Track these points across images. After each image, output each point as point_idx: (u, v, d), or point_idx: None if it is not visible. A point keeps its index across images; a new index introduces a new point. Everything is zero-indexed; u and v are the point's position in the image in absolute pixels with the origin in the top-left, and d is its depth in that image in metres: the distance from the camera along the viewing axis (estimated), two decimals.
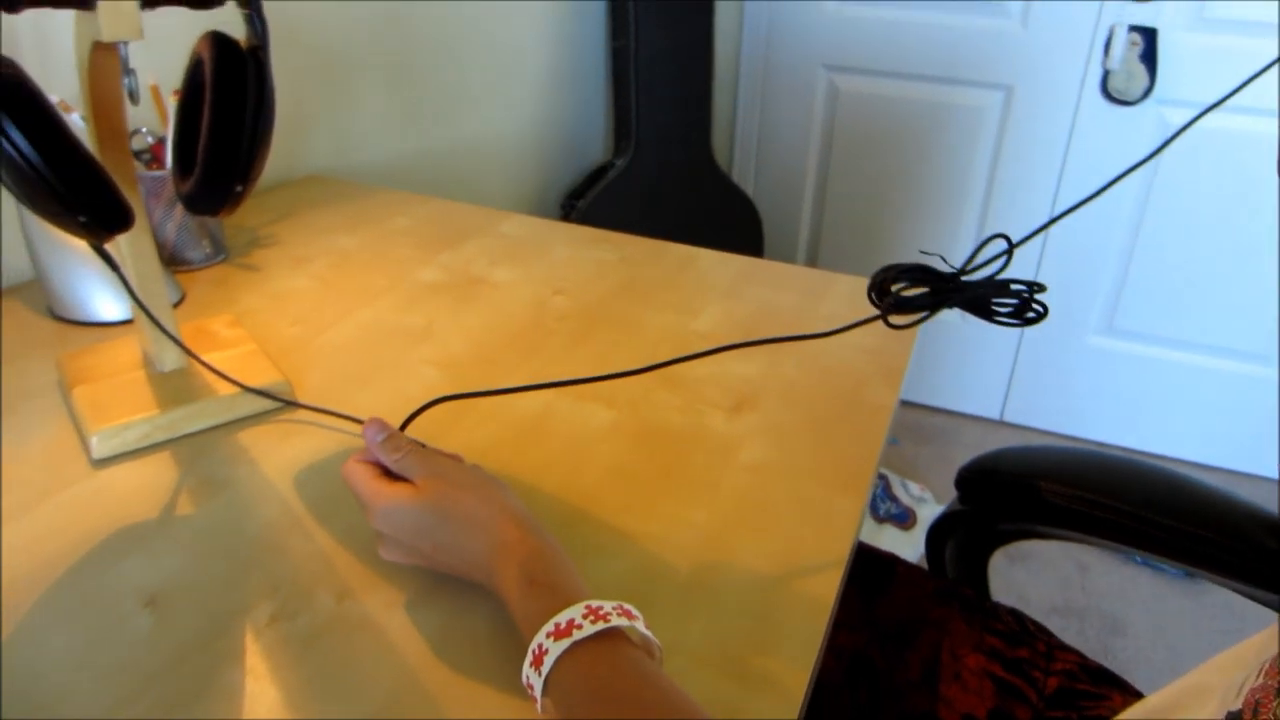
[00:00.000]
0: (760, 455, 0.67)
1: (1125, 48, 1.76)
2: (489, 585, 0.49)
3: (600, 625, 0.42)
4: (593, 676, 0.42)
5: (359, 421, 0.69)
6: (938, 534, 0.98)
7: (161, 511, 0.58)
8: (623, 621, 0.43)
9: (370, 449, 0.54)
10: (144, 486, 0.60)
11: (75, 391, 0.66)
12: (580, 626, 0.42)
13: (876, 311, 0.52)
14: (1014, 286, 0.53)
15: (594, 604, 0.43)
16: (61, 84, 0.88)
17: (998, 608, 0.87)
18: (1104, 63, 1.80)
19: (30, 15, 0.87)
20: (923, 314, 0.52)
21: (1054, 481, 0.88)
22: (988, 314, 0.52)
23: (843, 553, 0.58)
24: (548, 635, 0.42)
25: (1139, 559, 1.82)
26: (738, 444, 0.68)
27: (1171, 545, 0.81)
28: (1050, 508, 0.88)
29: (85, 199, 0.52)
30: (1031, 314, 0.53)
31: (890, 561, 0.93)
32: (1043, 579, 1.78)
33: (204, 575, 0.53)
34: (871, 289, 0.52)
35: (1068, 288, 2.04)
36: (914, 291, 0.52)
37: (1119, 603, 1.74)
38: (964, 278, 0.52)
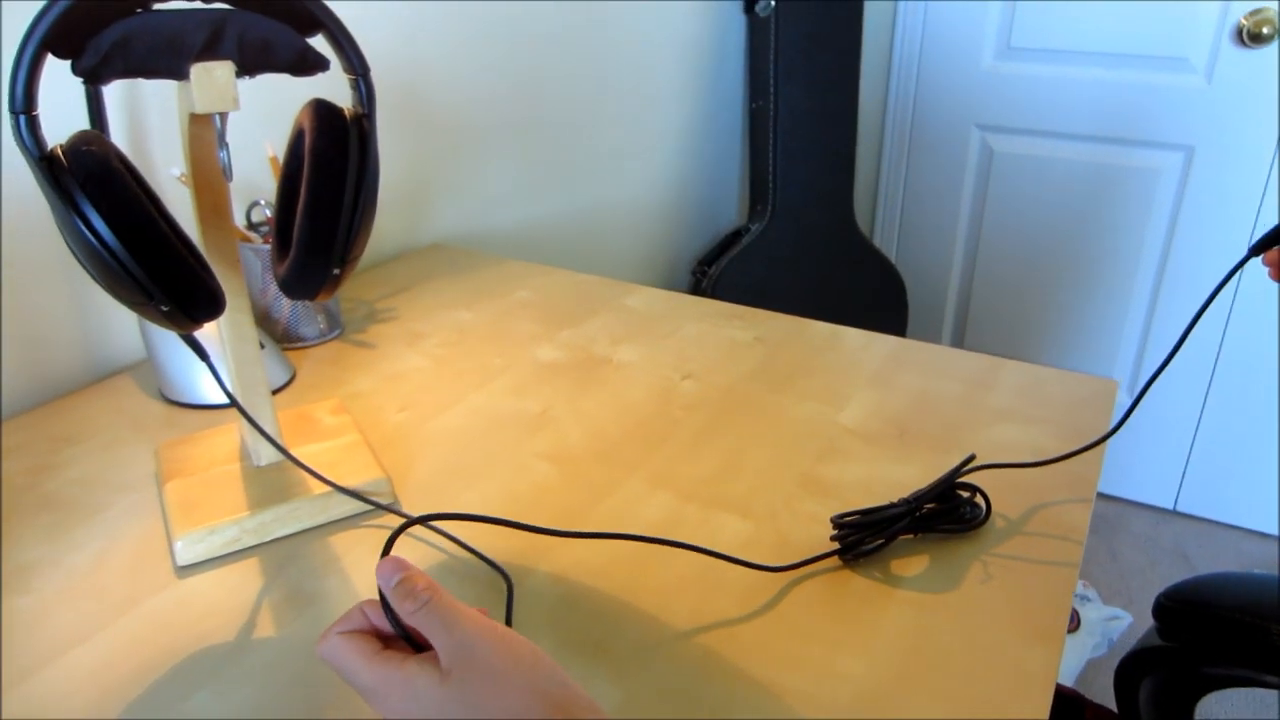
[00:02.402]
0: (926, 584, 0.56)
1: None
2: None
3: None
4: None
5: (460, 544, 0.61)
6: (1130, 671, 0.83)
7: (239, 632, 0.51)
8: None
9: (386, 593, 0.40)
10: (225, 600, 0.54)
11: (168, 486, 0.61)
12: None
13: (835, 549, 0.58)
14: (959, 492, 0.62)
15: None
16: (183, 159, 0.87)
17: None
18: None
19: (155, 87, 0.87)
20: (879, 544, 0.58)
21: None
22: (931, 529, 0.60)
23: (1041, 713, 0.47)
24: None
25: None
26: (900, 572, 0.57)
27: None
28: None
29: (168, 285, 0.46)
30: (970, 517, 0.61)
31: (1076, 703, 0.79)
32: (1232, 701, 1.55)
33: (277, 709, 0.46)
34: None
35: (1255, 368, 1.82)
36: (870, 544, 0.58)
37: None
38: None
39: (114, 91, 0.81)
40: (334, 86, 0.58)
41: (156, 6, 0.47)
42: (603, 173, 1.55)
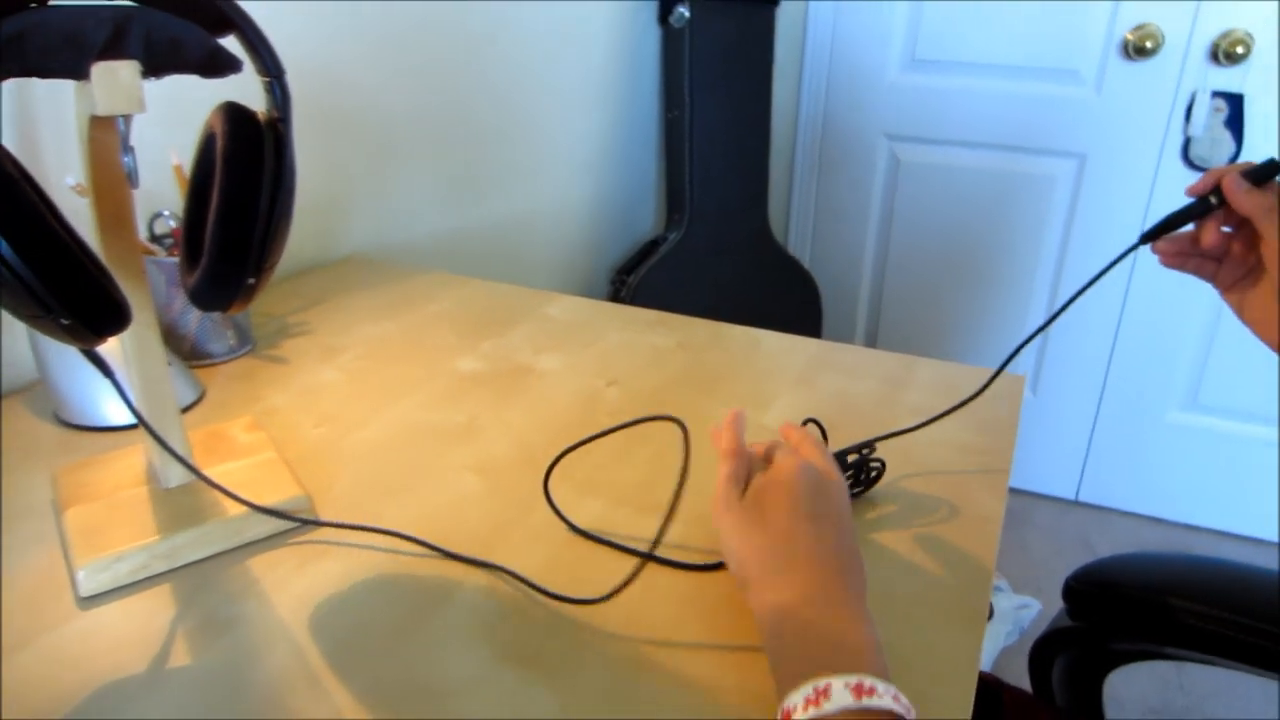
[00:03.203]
0: None
1: (1209, 114, 1.66)
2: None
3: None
4: None
5: (388, 534, 0.60)
6: (1043, 651, 0.86)
7: (150, 664, 0.49)
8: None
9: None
10: (135, 630, 0.51)
11: (68, 513, 0.57)
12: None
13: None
14: (849, 459, 0.63)
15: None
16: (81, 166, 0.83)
17: None
18: (1185, 129, 1.70)
19: (48, 90, 0.83)
20: None
21: (1188, 599, 0.76)
22: None
23: (967, 699, 0.48)
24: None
25: None
26: None
27: None
28: (1183, 629, 0.76)
29: (67, 297, 0.44)
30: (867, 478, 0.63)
31: (995, 688, 0.81)
32: (1136, 678, 1.62)
33: None
34: None
35: (1149, 362, 1.91)
36: None
37: (1221, 704, 1.57)
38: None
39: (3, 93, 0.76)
40: (242, 91, 0.55)
41: (54, 1, 0.45)
42: (521, 183, 1.54)
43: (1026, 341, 0.70)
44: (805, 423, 0.69)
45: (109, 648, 0.50)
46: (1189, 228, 0.63)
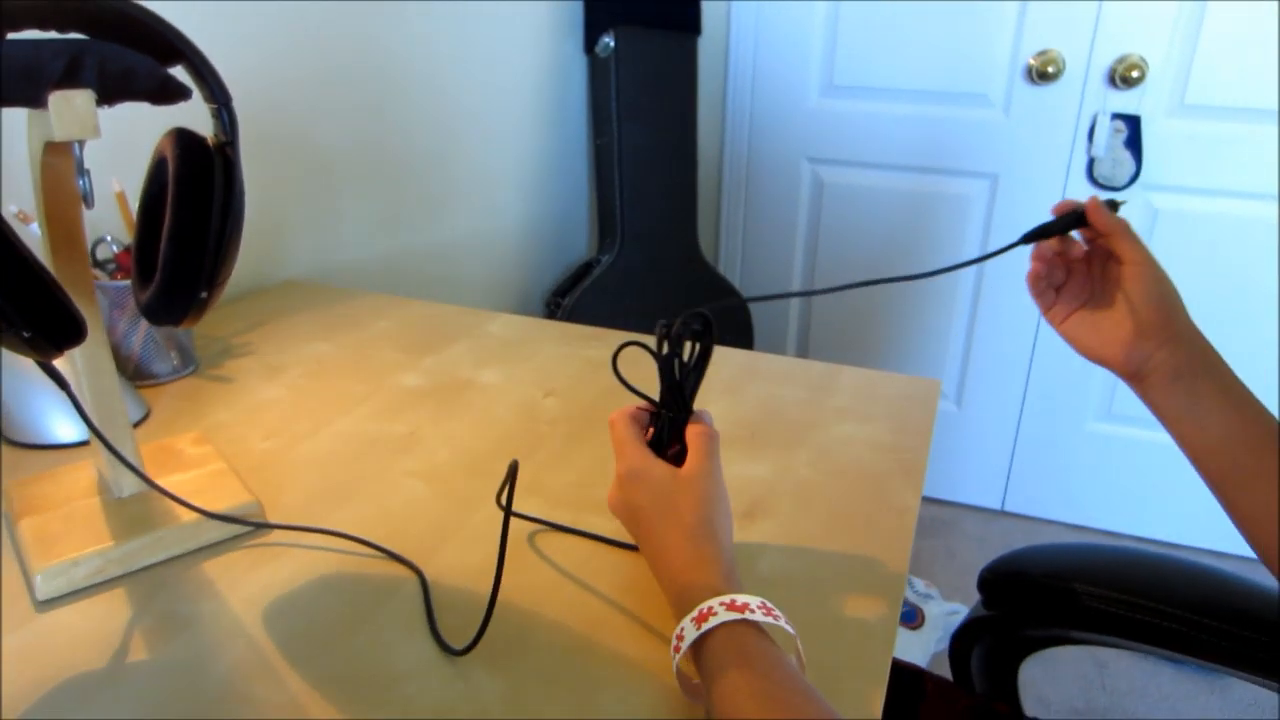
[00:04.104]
0: (779, 567, 0.61)
1: (1109, 135, 1.77)
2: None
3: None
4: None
5: (337, 535, 0.62)
6: (961, 641, 0.91)
7: (111, 659, 0.51)
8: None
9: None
10: (93, 630, 0.53)
11: (21, 524, 0.59)
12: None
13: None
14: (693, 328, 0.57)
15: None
16: (21, 194, 0.84)
17: None
18: (1089, 150, 1.81)
19: None
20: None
21: (1091, 583, 0.82)
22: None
23: (882, 674, 0.52)
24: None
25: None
26: (754, 555, 0.62)
27: (1218, 649, 0.75)
28: (1087, 612, 0.82)
29: (29, 313, 0.46)
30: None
31: (917, 675, 0.86)
32: (1061, 678, 1.69)
33: None
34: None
35: (1065, 374, 2.01)
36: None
37: (1142, 701, 1.65)
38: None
39: None
40: (185, 117, 0.59)
41: (10, 36, 0.48)
42: (455, 209, 1.57)
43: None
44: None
45: (68, 645, 0.52)
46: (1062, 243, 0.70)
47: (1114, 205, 0.66)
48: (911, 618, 1.82)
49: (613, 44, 1.83)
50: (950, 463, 2.19)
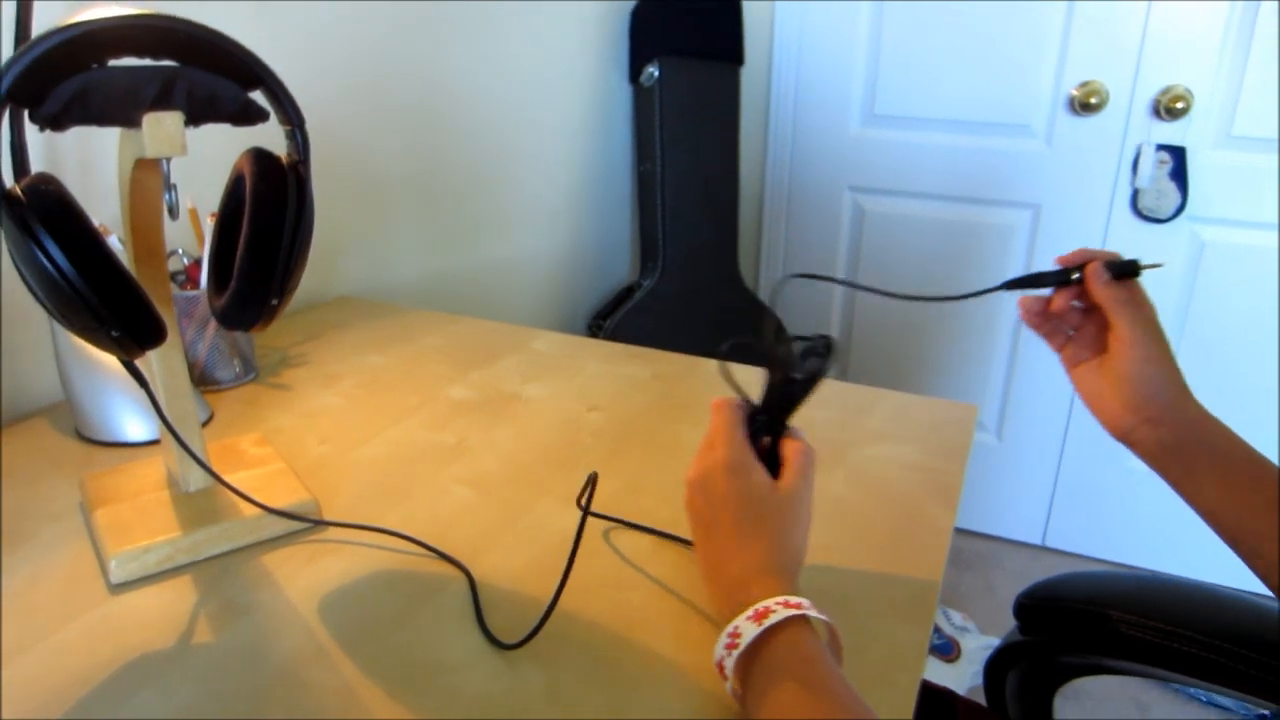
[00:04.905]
0: (812, 582, 0.63)
1: (1154, 166, 1.77)
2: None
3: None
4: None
5: (389, 534, 0.66)
6: (996, 667, 0.92)
7: (178, 640, 0.54)
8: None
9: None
10: (162, 612, 0.57)
11: (97, 513, 0.63)
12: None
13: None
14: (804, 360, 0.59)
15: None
16: (102, 208, 0.90)
17: None
18: (1133, 181, 1.81)
19: (74, 139, 0.90)
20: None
21: (1127, 611, 0.82)
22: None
23: (911, 692, 0.54)
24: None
25: (1203, 696, 1.71)
26: None
27: (1262, 683, 0.75)
28: (1123, 639, 0.82)
29: (119, 313, 0.50)
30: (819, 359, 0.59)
31: (949, 699, 0.87)
32: (1100, 712, 1.67)
33: (218, 710, 0.49)
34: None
35: None
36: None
37: None
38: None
39: None
40: (249, 138, 0.63)
41: (111, 63, 0.52)
42: (502, 232, 1.62)
43: None
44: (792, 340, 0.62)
45: (139, 626, 0.55)
46: (1049, 292, 0.69)
47: (1134, 268, 0.64)
48: (948, 650, 1.81)
49: (657, 74, 1.87)
50: (990, 496, 2.18)
